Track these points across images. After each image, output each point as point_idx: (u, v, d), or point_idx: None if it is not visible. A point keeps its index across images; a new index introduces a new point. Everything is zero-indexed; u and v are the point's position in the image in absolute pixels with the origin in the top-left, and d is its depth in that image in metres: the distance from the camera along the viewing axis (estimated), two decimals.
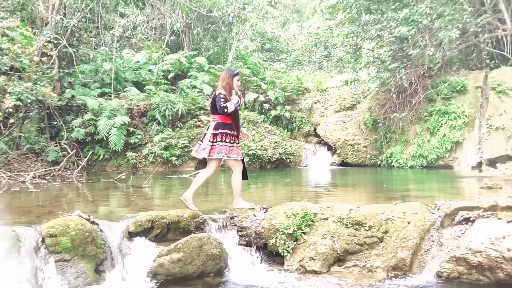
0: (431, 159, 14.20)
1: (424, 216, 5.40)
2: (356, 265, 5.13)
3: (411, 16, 13.91)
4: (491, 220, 4.98)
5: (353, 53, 16.01)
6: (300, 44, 25.49)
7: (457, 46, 15.37)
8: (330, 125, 16.70)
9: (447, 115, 14.27)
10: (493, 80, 14.17)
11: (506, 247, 4.40)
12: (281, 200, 6.35)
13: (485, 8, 15.28)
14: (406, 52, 14.39)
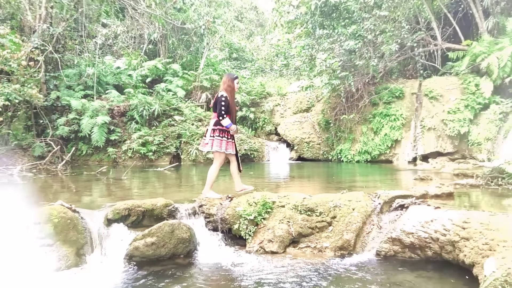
0: (375, 155, 14.47)
1: (366, 204, 5.52)
2: (308, 246, 5.19)
3: (358, 31, 14.11)
4: (422, 207, 5.12)
5: (309, 63, 16.10)
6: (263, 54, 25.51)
7: (396, 58, 15.73)
8: (289, 125, 16.80)
9: (388, 117, 14.56)
10: (426, 88, 14.55)
11: (434, 229, 4.54)
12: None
13: (420, 26, 15.70)
14: (354, 62, 14.59)
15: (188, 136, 14.56)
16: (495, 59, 13.11)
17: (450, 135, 13.41)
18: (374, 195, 5.77)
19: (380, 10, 14.20)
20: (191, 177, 10.91)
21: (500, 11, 14.97)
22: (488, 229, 4.11)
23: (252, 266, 4.64)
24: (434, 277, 4.24)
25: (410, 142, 14.14)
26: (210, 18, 17.93)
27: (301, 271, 4.44)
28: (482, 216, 4.37)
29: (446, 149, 13.53)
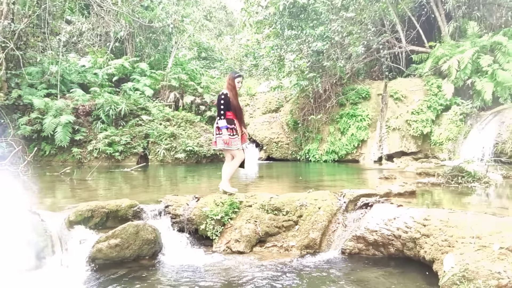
0: (342, 154, 14.69)
1: (332, 202, 5.59)
2: (274, 245, 5.21)
3: (325, 33, 14.31)
4: (385, 205, 5.23)
5: (277, 63, 16.21)
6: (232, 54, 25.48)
7: (363, 59, 16.04)
8: (258, 125, 16.85)
9: (355, 117, 14.82)
10: (391, 89, 14.89)
11: (396, 227, 4.64)
12: (215, 191, 6.32)
13: (385, 29, 16.05)
14: (322, 63, 14.77)
15: (156, 136, 14.36)
16: (456, 61, 13.55)
17: (413, 135, 13.78)
18: (339, 194, 5.85)
19: (347, 12, 14.44)
20: (158, 177, 10.76)
21: (461, 15, 15.50)
22: (447, 226, 4.24)
23: (218, 266, 4.61)
24: (396, 274, 4.34)
25: (376, 142, 14.42)
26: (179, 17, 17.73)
27: (267, 270, 4.45)
28: (441, 213, 4.50)
29: (410, 148, 13.89)
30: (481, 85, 13.03)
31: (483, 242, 3.86)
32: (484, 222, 4.13)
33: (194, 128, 15.63)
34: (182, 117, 15.60)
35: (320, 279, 4.17)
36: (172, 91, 17.20)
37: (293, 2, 13.79)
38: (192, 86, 17.52)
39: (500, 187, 7.63)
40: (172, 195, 5.96)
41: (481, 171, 7.93)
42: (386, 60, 16.14)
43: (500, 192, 7.21)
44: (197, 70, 19.18)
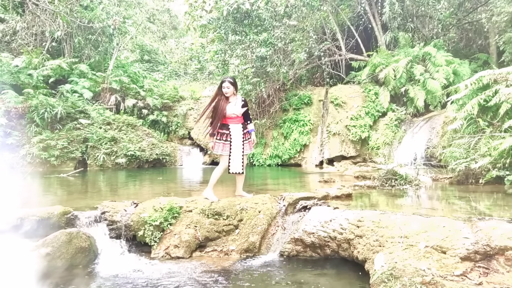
0: (285, 159, 14.95)
1: (272, 206, 5.67)
2: (214, 250, 5.20)
3: (269, 39, 14.53)
4: (323, 208, 5.37)
5: (222, 68, 16.24)
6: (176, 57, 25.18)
7: (305, 66, 16.46)
8: (202, 129, 16.76)
9: (297, 122, 15.15)
10: (332, 95, 15.37)
11: (332, 229, 4.79)
12: (157, 196, 6.19)
13: (326, 37, 16.59)
14: (265, 69, 14.98)
15: (96, 140, 13.87)
16: (392, 70, 14.26)
17: (353, 140, 14.30)
18: (279, 198, 5.94)
19: (289, 20, 14.76)
20: (97, 183, 10.39)
21: (397, 26, 16.33)
22: (378, 226, 4.43)
23: (156, 273, 4.52)
24: (332, 274, 4.47)
25: (317, 146, 14.82)
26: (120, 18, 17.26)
27: (206, 274, 4.43)
28: (374, 215, 4.70)
29: (349, 153, 14.39)
30: (414, 93, 13.78)
31: (411, 241, 4.08)
32: (412, 222, 4.35)
33: (136, 132, 15.27)
34: (124, 120, 15.19)
35: (258, 282, 4.20)
36: (113, 94, 16.69)
37: (237, 7, 13.89)
38: (134, 89, 17.11)
39: (430, 189, 8.09)
40: (109, 201, 5.78)
41: (413, 174, 8.37)
42: (327, 67, 16.66)
43: (429, 194, 7.64)
44: (139, 73, 18.76)
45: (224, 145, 5.92)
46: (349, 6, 17.09)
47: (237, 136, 5.94)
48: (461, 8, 16.62)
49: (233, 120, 5.93)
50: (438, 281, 3.18)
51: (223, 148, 5.93)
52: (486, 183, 7.74)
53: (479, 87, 9.72)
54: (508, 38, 11.53)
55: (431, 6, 15.89)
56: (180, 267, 4.70)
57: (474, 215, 4.84)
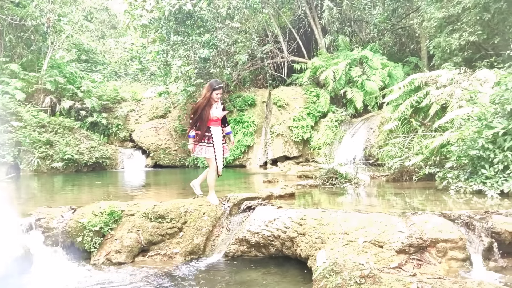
0: (229, 160, 14.95)
1: (217, 207, 5.66)
2: (158, 254, 5.10)
3: (212, 40, 14.48)
4: (267, 207, 5.44)
5: (164, 69, 15.94)
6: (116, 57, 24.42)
7: (248, 68, 16.57)
8: (144, 131, 16.39)
9: (241, 123, 15.21)
10: (274, 97, 15.60)
11: (276, 228, 4.86)
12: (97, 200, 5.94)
13: (268, 39, 16.81)
14: (209, 70, 14.92)
15: (29, 143, 13.11)
16: (331, 72, 14.71)
17: (295, 141, 14.59)
18: (224, 199, 5.94)
19: (232, 21, 14.79)
20: (31, 189, 9.83)
21: (336, 29, 16.88)
22: (320, 224, 4.56)
23: (95, 280, 4.36)
24: (277, 273, 4.54)
25: (262, 147, 14.98)
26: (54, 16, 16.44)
27: (149, 279, 4.33)
28: (316, 213, 4.83)
29: (292, 153, 14.67)
30: (352, 94, 14.32)
31: (350, 237, 4.24)
32: (351, 219, 4.52)
33: (73, 135, 14.62)
34: (60, 123, 14.48)
35: (202, 284, 4.18)
36: (48, 95, 15.87)
37: (179, 8, 13.71)
38: (71, 90, 16.36)
39: (368, 186, 8.45)
40: (45, 207, 5.50)
41: (352, 172, 8.70)
42: (269, 69, 16.89)
43: (368, 191, 7.97)
44: (76, 73, 17.95)
45: (207, 147, 5.89)
46: (290, 9, 17.43)
47: (218, 138, 5.97)
48: (395, 14, 17.48)
49: (214, 122, 5.95)
50: (375, 274, 3.33)
51: (206, 151, 5.89)
52: (419, 180, 8.20)
53: (412, 89, 10.29)
54: (438, 43, 12.26)
55: (367, 11, 16.58)
56: (121, 272, 4.56)
57: (408, 210, 5.11)
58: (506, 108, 6.55)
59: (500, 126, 6.38)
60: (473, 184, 6.48)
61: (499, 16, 10.99)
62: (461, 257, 4.05)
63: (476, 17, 11.16)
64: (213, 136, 5.91)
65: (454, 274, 3.87)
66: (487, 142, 6.48)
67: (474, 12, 11.22)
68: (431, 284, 3.17)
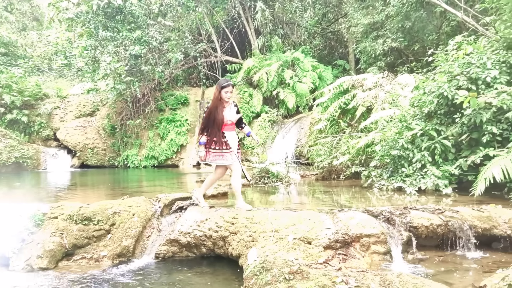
0: (161, 160, 14.69)
1: (147, 208, 5.51)
2: (84, 257, 4.87)
3: (143, 37, 14.09)
4: (199, 207, 5.40)
5: (92, 65, 15.25)
6: (39, 51, 22.95)
7: (181, 66, 16.36)
8: (70, 130, 15.59)
9: (174, 122, 14.99)
10: (208, 96, 15.55)
11: (208, 227, 4.84)
12: (16, 203, 5.55)
13: (202, 38, 16.70)
14: (140, 68, 14.51)
15: None
16: (264, 73, 14.94)
17: None
18: (155, 199, 5.81)
19: (165, 19, 14.52)
20: None
21: (268, 31, 17.16)
22: (252, 222, 4.61)
23: (14, 287, 4.08)
24: (208, 272, 4.52)
25: (195, 147, 14.84)
26: None
27: (74, 285, 4.13)
28: (247, 211, 4.88)
29: None
30: (284, 95, 14.64)
31: (281, 235, 4.33)
32: (282, 217, 4.62)
33: None
34: None
35: (130, 287, 4.06)
36: None
37: (108, 2, 13.19)
38: None
39: (299, 185, 8.69)
40: None
41: (284, 172, 8.89)
42: (203, 68, 16.79)
43: (298, 189, 8.20)
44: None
45: (226, 154, 5.31)
46: (224, 9, 17.45)
47: (234, 144, 5.41)
48: (324, 18, 18.14)
49: (229, 127, 5.40)
50: (303, 270, 3.43)
51: (226, 158, 5.32)
52: (346, 178, 8.59)
53: (340, 92, 10.73)
54: (363, 48, 12.90)
55: (299, 15, 17.05)
56: (43, 278, 4.30)
57: (335, 207, 5.33)
58: (423, 111, 7.05)
59: (418, 127, 6.86)
60: (394, 182, 6.91)
61: (419, 25, 11.79)
62: (382, 251, 4.30)
63: (398, 24, 11.89)
64: (229, 141, 5.36)
65: (376, 267, 4.09)
66: (407, 142, 6.94)
67: (396, 20, 11.95)
68: (354, 277, 3.33)
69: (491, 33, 7.33)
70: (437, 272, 3.99)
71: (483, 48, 7.03)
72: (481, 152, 5.96)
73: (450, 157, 6.62)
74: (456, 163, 6.39)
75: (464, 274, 3.94)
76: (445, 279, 3.76)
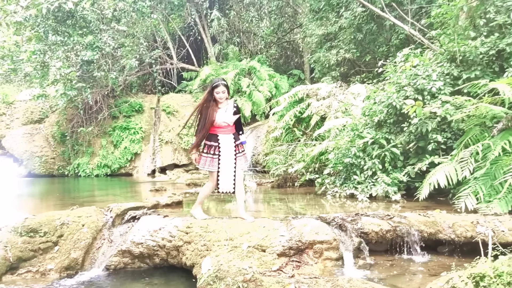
0: (115, 168, 14.31)
1: (98, 218, 5.35)
2: (29, 271, 4.65)
3: (95, 42, 13.73)
4: (153, 217, 5.30)
5: (41, 70, 14.63)
6: None
7: (136, 73, 16.08)
8: (17, 137, 14.89)
9: (128, 130, 14.68)
10: (164, 103, 15.37)
11: (161, 237, 4.76)
12: None
13: (157, 45, 16.52)
14: (92, 74, 14.11)
15: None
16: None
17: (185, 148, 14.49)
18: (106, 209, 5.65)
19: (118, 24, 14.23)
20: None
21: (225, 39, 17.23)
22: (206, 231, 4.58)
23: None
24: (161, 283, 4.44)
25: (150, 155, 14.63)
26: None
27: None
28: (202, 220, 4.85)
29: (181, 161, 14.55)
30: (241, 103, 14.70)
31: (235, 243, 4.33)
32: (237, 225, 4.63)
33: None
34: None
35: None
36: None
37: (58, 6, 12.74)
38: None
39: (255, 193, 8.75)
40: None
41: None
42: (158, 75, 16.59)
43: (255, 197, 8.24)
44: None
45: (212, 159, 4.96)
46: (180, 16, 17.35)
47: (227, 148, 4.98)
48: (280, 28, 18.44)
49: (223, 130, 4.98)
50: (257, 278, 3.44)
51: (211, 163, 4.96)
52: (301, 186, 8.72)
53: (295, 100, 10.94)
54: (318, 58, 13.21)
55: (255, 24, 17.24)
56: None
57: (290, 215, 5.40)
58: (374, 120, 7.31)
59: (369, 136, 7.10)
60: (346, 189, 7.10)
61: (370, 37, 12.23)
62: (335, 257, 4.39)
63: (351, 36, 12.29)
64: (221, 146, 4.96)
65: (328, 273, 4.18)
66: (359, 150, 7.16)
67: (349, 31, 12.34)
68: (307, 284, 3.38)
69: (436, 46, 7.72)
70: (387, 277, 4.12)
71: (429, 61, 7.41)
72: (427, 159, 6.26)
73: (399, 164, 6.89)
74: (405, 170, 6.66)
75: (412, 277, 4.09)
76: (394, 283, 3.90)
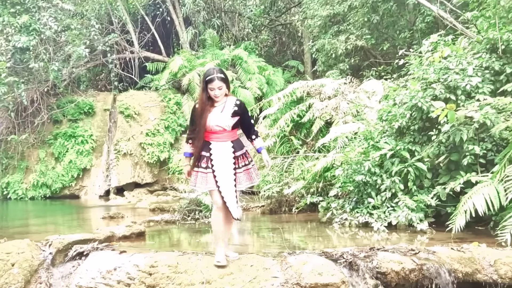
0: (56, 189, 14.19)
1: (33, 255, 5.30)
2: None
3: (32, 24, 13.70)
4: (105, 252, 5.27)
5: None
6: None
7: (85, 63, 16.04)
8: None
9: (74, 138, 14.58)
10: (121, 103, 15.31)
11: (117, 280, 4.73)
12: None
13: (113, 28, 16.51)
14: (28, 65, 14.04)
15: None
16: (197, 75, 14.99)
17: (149, 162, 14.46)
18: (44, 243, 5.60)
19: (63, 1, 14.23)
20: None
21: (202, 21, 17.31)
22: (176, 272, 4.57)
23: None
24: None
25: (102, 171, 14.55)
26: None
27: None
28: (170, 257, 4.82)
29: (144, 179, 14.51)
30: None
31: (214, 287, 4.33)
32: None
33: None
34: None
35: None
36: None
37: None
38: None
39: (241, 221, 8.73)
40: None
41: None
42: (115, 67, 16.56)
43: (240, 226, 8.23)
44: None
45: (206, 175, 4.72)
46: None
47: (222, 161, 4.74)
48: (273, 7, 18.63)
49: (217, 136, 4.78)
50: None
51: (205, 180, 4.72)
52: (300, 211, 8.75)
53: (293, 100, 11.01)
54: (322, 45, 13.33)
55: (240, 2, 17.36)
56: None
57: (285, 249, 5.41)
58: (393, 126, 7.37)
59: (388, 146, 7.15)
60: (359, 216, 7.12)
61: (388, 19, 12.41)
62: None
63: (364, 18, 12.44)
64: (213, 156, 4.74)
65: None
66: (374, 165, 7.20)
67: (361, 12, 12.50)
68: None
69: (472, 32, 7.85)
70: None
71: (463, 51, 7.51)
72: (462, 177, 6.30)
73: (425, 184, 6.94)
74: (433, 192, 6.70)
75: None
76: None
